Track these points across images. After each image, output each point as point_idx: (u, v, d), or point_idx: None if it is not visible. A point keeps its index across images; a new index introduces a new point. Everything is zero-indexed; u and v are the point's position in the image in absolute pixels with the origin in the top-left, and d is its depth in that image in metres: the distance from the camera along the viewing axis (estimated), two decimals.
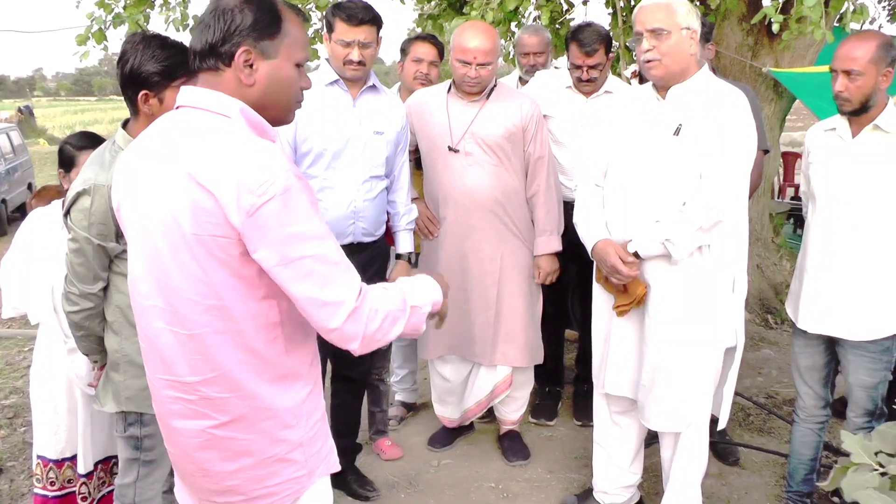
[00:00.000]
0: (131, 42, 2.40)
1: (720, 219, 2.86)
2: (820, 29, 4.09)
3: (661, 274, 2.96)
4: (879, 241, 2.96)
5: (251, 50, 1.74)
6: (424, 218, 3.77)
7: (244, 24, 1.73)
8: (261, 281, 1.73)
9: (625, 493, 3.41)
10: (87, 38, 5.53)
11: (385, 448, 4.09)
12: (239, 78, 1.76)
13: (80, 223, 2.38)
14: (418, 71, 4.14)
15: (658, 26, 2.81)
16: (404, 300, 1.86)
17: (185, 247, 1.70)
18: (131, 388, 2.50)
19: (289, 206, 1.65)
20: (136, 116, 2.45)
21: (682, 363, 2.98)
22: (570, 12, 6.22)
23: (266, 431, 1.83)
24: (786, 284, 6.07)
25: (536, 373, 4.14)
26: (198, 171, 1.65)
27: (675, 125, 2.90)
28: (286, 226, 1.65)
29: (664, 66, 2.85)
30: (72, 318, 2.51)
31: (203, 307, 1.73)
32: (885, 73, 2.86)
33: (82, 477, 3.14)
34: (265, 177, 1.63)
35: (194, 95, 1.77)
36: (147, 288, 1.80)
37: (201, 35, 1.76)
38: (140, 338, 1.91)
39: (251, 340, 1.77)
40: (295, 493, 1.92)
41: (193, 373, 1.79)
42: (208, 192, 1.64)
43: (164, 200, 1.72)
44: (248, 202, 1.62)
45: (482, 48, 3.46)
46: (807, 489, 3.40)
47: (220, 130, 1.71)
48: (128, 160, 1.87)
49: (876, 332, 3.01)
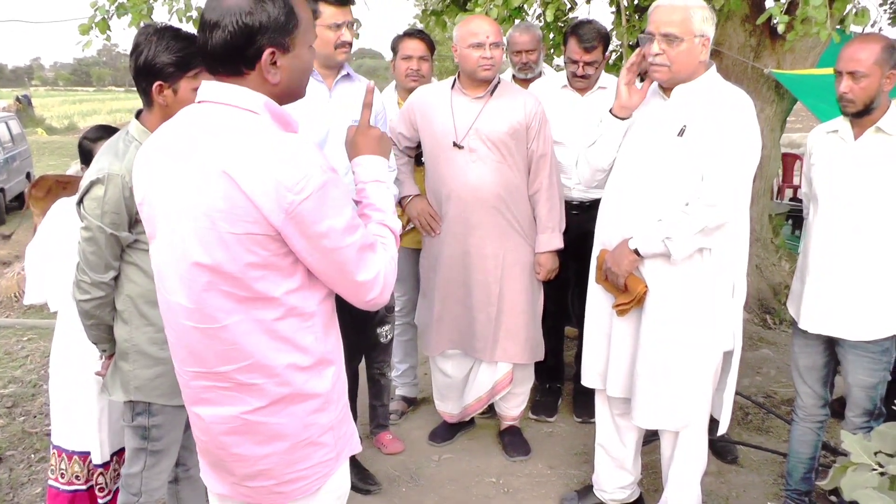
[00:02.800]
0: (145, 34, 2.40)
1: (723, 220, 2.86)
2: (825, 30, 4.10)
3: (660, 275, 2.97)
4: (880, 243, 2.98)
5: (274, 49, 1.74)
6: (426, 214, 3.78)
7: (265, 24, 1.71)
8: (296, 272, 1.76)
9: (625, 490, 3.44)
10: (91, 27, 5.52)
11: (386, 442, 4.11)
12: (264, 77, 1.76)
13: (93, 212, 2.39)
14: (409, 68, 4.16)
15: (672, 32, 2.80)
16: (391, 229, 1.96)
17: (221, 244, 1.71)
18: (140, 378, 2.52)
19: (326, 201, 1.69)
20: (151, 107, 2.46)
21: (676, 364, 2.99)
22: (574, 10, 6.22)
23: (299, 415, 1.86)
24: (784, 285, 6.09)
25: (537, 369, 4.17)
26: (234, 170, 1.66)
27: (680, 126, 2.90)
28: (324, 219, 1.69)
29: (671, 72, 2.86)
30: (82, 306, 2.51)
31: (238, 298, 1.75)
32: (888, 75, 2.88)
33: (98, 467, 3.13)
34: (302, 174, 1.66)
35: (218, 91, 1.76)
36: (173, 284, 1.81)
37: (214, 36, 1.72)
38: (167, 331, 1.92)
39: (286, 330, 1.80)
40: (325, 475, 1.95)
41: (225, 362, 1.81)
42: (244, 192, 1.65)
43: (196, 198, 1.72)
44: (288, 200, 1.65)
45: (492, 28, 3.54)
46: (805, 488, 3.42)
47: (251, 128, 1.71)
48: (150, 154, 1.87)
49: (876, 332, 3.03)
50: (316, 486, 1.94)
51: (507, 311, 3.77)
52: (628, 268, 2.98)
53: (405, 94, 4.22)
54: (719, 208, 2.84)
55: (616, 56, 6.17)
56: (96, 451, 3.12)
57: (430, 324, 3.90)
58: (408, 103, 3.84)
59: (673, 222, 2.87)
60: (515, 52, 4.39)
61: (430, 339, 3.91)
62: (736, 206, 2.90)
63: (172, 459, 2.70)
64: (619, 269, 2.99)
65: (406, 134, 3.81)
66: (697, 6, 2.82)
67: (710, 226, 2.85)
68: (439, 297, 3.81)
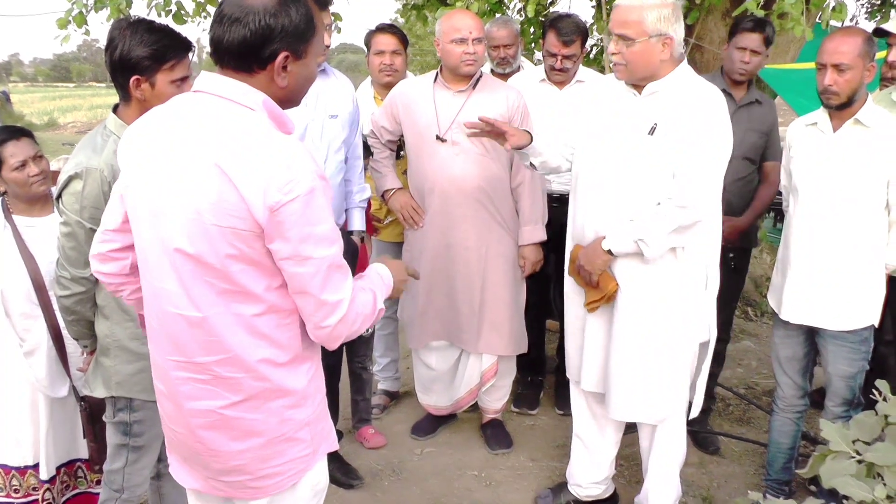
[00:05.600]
0: (118, 28, 2.37)
1: (697, 219, 2.85)
2: (801, 25, 4.13)
3: (633, 272, 2.97)
4: (859, 234, 3.01)
5: (289, 54, 1.75)
6: (409, 208, 3.78)
7: (286, 29, 1.72)
8: (277, 270, 1.77)
9: (599, 486, 3.44)
10: (68, 21, 5.46)
11: (368, 436, 4.11)
12: (272, 79, 1.77)
13: (71, 206, 2.37)
14: (382, 63, 4.15)
15: (623, 32, 2.80)
16: (375, 303, 1.94)
17: (204, 236, 1.71)
18: (121, 374, 2.50)
19: (310, 207, 1.69)
20: (128, 102, 2.43)
21: (651, 358, 3.00)
22: (555, 5, 6.23)
23: (275, 411, 1.87)
24: (766, 277, 6.14)
25: (519, 362, 4.18)
26: (226, 164, 1.67)
27: (651, 124, 2.88)
28: (304, 225, 1.69)
29: (628, 70, 2.86)
30: (63, 302, 2.50)
31: (218, 290, 1.75)
32: (868, 67, 2.91)
33: (45, 483, 3.09)
34: (292, 176, 1.66)
35: (218, 83, 1.76)
36: (161, 271, 1.81)
37: (232, 30, 1.71)
38: (149, 320, 1.91)
39: (264, 326, 1.80)
40: (300, 471, 1.96)
41: (206, 353, 1.81)
42: (235, 187, 1.66)
43: (185, 188, 1.72)
44: (274, 199, 1.65)
45: (474, 24, 3.56)
46: (785, 477, 3.46)
47: (247, 124, 1.72)
48: (136, 143, 1.85)
49: (855, 322, 3.06)
50: (292, 482, 1.96)
51: (490, 304, 3.78)
52: (601, 266, 2.97)
53: (381, 89, 4.21)
54: (691, 209, 2.83)
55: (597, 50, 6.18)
56: (42, 466, 3.07)
57: (415, 317, 3.90)
58: (390, 97, 3.84)
59: (645, 223, 2.86)
60: (493, 47, 4.39)
61: (415, 332, 3.92)
62: (708, 203, 2.89)
63: (154, 455, 2.69)
64: (593, 267, 2.98)
65: (388, 127, 3.81)
66: (654, 5, 2.76)
67: (682, 225, 2.84)
68: (423, 290, 3.81)
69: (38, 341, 3.00)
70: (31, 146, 2.93)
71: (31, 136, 2.98)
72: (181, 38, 2.40)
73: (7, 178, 2.90)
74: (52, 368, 3.00)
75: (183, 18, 5.71)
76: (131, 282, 2.05)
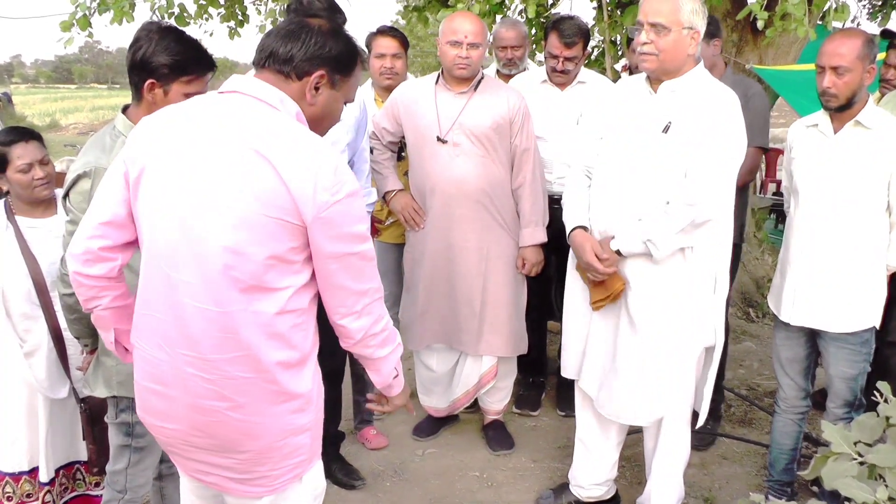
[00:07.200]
0: (147, 30, 2.37)
1: (705, 218, 2.85)
2: (803, 26, 4.13)
3: (640, 271, 2.97)
4: (860, 236, 3.01)
5: (326, 76, 1.88)
6: (410, 209, 3.79)
7: (331, 52, 1.89)
8: (304, 269, 1.83)
9: (600, 487, 3.44)
10: (72, 24, 5.48)
11: (370, 437, 4.11)
12: (304, 92, 1.87)
13: (79, 205, 2.37)
14: (382, 66, 4.12)
15: (659, 21, 2.78)
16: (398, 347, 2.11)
17: (249, 227, 1.75)
18: (123, 373, 2.49)
19: (352, 208, 1.81)
20: (139, 103, 2.43)
21: (655, 359, 3.00)
22: (556, 6, 6.23)
23: (279, 415, 1.88)
24: (767, 279, 6.13)
25: (520, 363, 4.19)
26: (269, 153, 1.74)
27: (665, 122, 2.88)
28: (347, 225, 1.81)
29: (659, 61, 2.84)
30: (66, 300, 2.49)
31: (244, 286, 1.78)
32: (868, 69, 2.91)
33: (45, 485, 3.07)
34: (339, 178, 1.77)
35: (256, 86, 1.85)
36: (184, 261, 1.81)
37: (286, 41, 1.86)
38: (159, 312, 1.89)
39: (282, 325, 1.83)
40: (297, 475, 1.98)
41: (218, 350, 1.81)
42: (281, 178, 1.73)
43: (234, 180, 1.75)
44: (323, 199, 1.75)
45: (472, 29, 3.54)
46: (787, 478, 3.46)
47: (289, 124, 1.81)
48: (155, 135, 1.87)
49: (856, 324, 3.06)
50: (288, 485, 1.97)
51: (491, 305, 3.78)
52: (590, 259, 2.96)
53: (381, 91, 4.21)
54: (699, 207, 2.83)
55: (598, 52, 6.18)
56: (42, 469, 3.06)
57: (415, 318, 3.91)
58: (392, 98, 3.84)
59: (654, 223, 2.86)
60: (501, 48, 4.39)
61: (415, 334, 3.92)
62: (719, 203, 2.89)
63: (157, 456, 2.69)
64: (581, 261, 2.99)
65: (390, 129, 3.81)
66: None
67: (690, 224, 2.84)
68: (423, 291, 3.81)
69: (38, 342, 2.99)
70: (39, 149, 2.94)
71: (40, 140, 2.98)
72: (207, 57, 2.42)
73: (11, 178, 2.90)
74: (52, 369, 3.00)
75: (185, 21, 5.72)
76: (114, 287, 2.01)
